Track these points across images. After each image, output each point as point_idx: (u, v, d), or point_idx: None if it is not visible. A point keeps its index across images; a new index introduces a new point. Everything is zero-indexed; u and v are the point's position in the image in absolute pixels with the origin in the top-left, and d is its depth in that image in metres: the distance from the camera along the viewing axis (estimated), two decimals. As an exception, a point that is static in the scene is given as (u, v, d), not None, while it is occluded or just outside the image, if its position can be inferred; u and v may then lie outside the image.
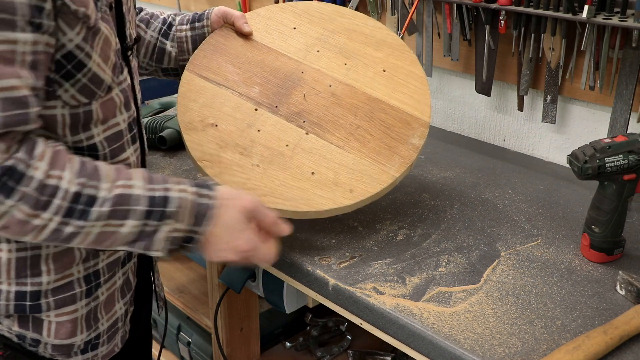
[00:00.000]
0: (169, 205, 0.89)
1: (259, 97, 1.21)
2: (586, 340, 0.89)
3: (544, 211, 1.30)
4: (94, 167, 0.87)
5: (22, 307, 0.95)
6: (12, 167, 0.79)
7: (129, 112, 1.00)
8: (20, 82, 0.79)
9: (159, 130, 1.59)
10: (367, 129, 1.19)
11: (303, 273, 1.13)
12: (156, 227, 0.90)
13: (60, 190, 0.83)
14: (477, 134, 1.75)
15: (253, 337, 1.62)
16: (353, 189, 1.12)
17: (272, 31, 1.31)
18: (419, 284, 1.06)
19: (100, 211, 0.85)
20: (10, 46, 0.78)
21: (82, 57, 0.87)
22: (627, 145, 1.06)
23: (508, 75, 1.60)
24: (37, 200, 0.81)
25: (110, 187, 0.86)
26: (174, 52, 1.30)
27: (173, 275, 1.85)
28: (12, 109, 0.78)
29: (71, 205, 0.83)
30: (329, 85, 1.24)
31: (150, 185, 0.90)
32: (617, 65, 1.38)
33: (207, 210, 0.92)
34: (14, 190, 0.80)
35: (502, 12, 1.49)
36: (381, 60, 1.28)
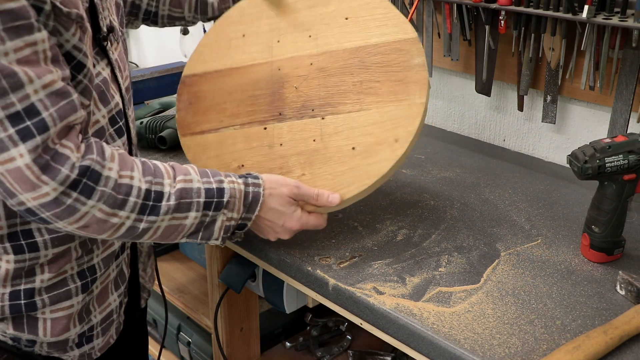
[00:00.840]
0: (224, 196, 0.97)
1: (259, 115, 1.19)
2: (586, 340, 0.89)
3: (544, 211, 1.30)
4: (154, 165, 0.93)
5: (17, 307, 0.95)
6: (89, 167, 0.83)
7: (107, 106, 0.99)
8: (54, 75, 0.82)
9: (159, 130, 1.58)
10: (370, 78, 1.17)
11: (303, 273, 1.13)
12: (214, 217, 0.97)
13: (134, 188, 0.88)
14: (477, 134, 1.75)
15: (253, 337, 1.62)
16: (397, 138, 1.10)
17: (227, 51, 1.27)
18: (419, 284, 1.06)
19: (168, 205, 0.91)
20: (33, 48, 0.80)
21: (80, 57, 0.88)
22: (627, 145, 1.06)
23: (508, 75, 1.60)
24: (115, 198, 0.86)
25: (172, 183, 0.92)
26: (216, 2, 1.37)
27: (173, 275, 1.85)
28: (59, 100, 0.81)
29: (144, 202, 0.89)
30: (310, 64, 1.21)
31: (205, 178, 0.97)
32: (617, 65, 1.38)
33: (257, 197, 1.01)
34: (95, 190, 0.84)
35: (502, 12, 1.49)
36: (336, 11, 1.25)
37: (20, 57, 0.78)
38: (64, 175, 0.81)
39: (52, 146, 0.81)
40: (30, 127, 0.79)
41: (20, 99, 0.78)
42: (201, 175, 0.97)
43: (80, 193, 0.83)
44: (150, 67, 1.93)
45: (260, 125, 1.17)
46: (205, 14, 1.38)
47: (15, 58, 0.78)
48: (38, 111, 0.79)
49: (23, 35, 0.78)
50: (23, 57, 0.78)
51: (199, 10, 1.37)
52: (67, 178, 0.81)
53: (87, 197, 0.83)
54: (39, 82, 0.79)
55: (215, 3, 1.37)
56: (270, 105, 1.19)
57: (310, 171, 1.11)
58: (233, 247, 1.32)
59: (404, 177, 1.45)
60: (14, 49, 0.77)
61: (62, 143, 0.82)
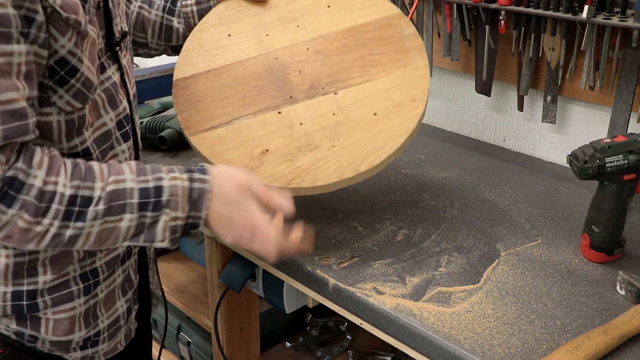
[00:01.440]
0: (162, 195, 0.89)
1: (270, 102, 1.17)
2: (586, 340, 0.89)
3: (544, 211, 1.30)
4: (88, 167, 0.88)
5: (19, 307, 0.95)
6: (12, 177, 0.80)
7: (116, 110, 0.99)
8: (18, 94, 0.79)
9: (159, 130, 1.58)
10: (369, 52, 1.20)
11: (303, 273, 1.13)
12: (154, 218, 0.90)
13: (57, 194, 0.83)
14: (477, 134, 1.75)
15: (253, 337, 1.62)
16: (413, 98, 1.13)
17: (215, 51, 1.24)
18: (419, 284, 1.06)
19: (97, 210, 0.86)
20: (7, 58, 0.78)
21: (74, 62, 0.87)
22: (627, 145, 1.06)
23: (508, 75, 1.60)
24: (38, 207, 0.82)
25: (103, 186, 0.87)
26: (182, 29, 1.28)
27: (173, 275, 1.85)
28: (11, 121, 0.79)
29: (68, 208, 0.84)
30: (306, 49, 1.22)
31: (141, 177, 0.90)
32: (617, 65, 1.38)
33: (203, 194, 0.91)
34: (16, 199, 0.81)
35: (502, 12, 1.49)
36: (316, 1, 1.27)
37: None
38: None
39: None
40: None
41: None
42: (138, 173, 0.90)
43: (1, 202, 0.80)
44: (150, 67, 1.93)
45: (274, 111, 1.15)
46: (169, 40, 1.28)
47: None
48: None
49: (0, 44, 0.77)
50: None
51: (162, 36, 1.27)
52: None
53: (7, 206, 0.80)
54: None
55: (180, 29, 1.28)
56: (278, 91, 1.18)
57: (339, 142, 1.11)
58: (233, 247, 1.32)
59: (404, 177, 1.45)
60: None
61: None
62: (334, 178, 1.06)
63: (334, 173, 1.07)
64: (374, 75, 1.17)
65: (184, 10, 1.27)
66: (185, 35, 1.28)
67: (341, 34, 1.23)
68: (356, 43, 1.21)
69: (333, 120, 1.13)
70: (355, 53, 1.20)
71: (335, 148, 1.10)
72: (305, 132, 1.12)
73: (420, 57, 1.18)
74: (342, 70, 1.19)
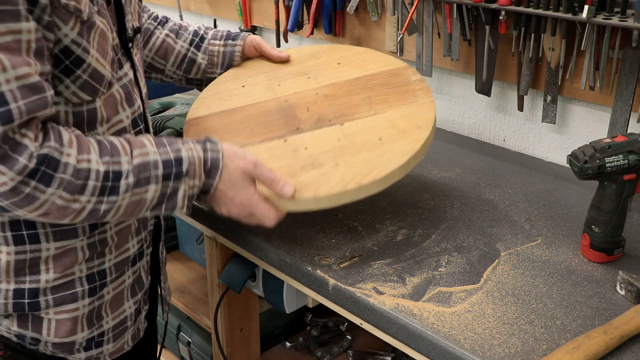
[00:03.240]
0: (182, 165, 0.95)
1: (277, 133, 1.18)
2: (586, 340, 0.90)
3: (544, 211, 1.30)
4: (110, 142, 0.91)
5: (20, 305, 0.95)
6: (47, 155, 0.82)
7: (132, 107, 1.00)
8: (31, 69, 0.80)
9: (159, 130, 1.59)
10: (377, 94, 1.22)
11: (303, 273, 1.13)
12: (175, 187, 0.96)
13: (92, 171, 0.86)
14: (477, 134, 1.75)
15: (253, 337, 1.62)
16: (418, 125, 1.14)
17: (229, 97, 1.29)
18: (419, 284, 1.06)
19: (127, 183, 0.90)
20: (16, 36, 0.79)
21: (79, 52, 0.87)
22: (627, 145, 1.06)
23: (508, 75, 1.60)
24: (75, 184, 0.85)
25: (129, 160, 0.91)
26: (204, 64, 1.33)
27: (173, 275, 1.85)
28: (30, 95, 0.80)
29: (104, 184, 0.88)
30: (315, 93, 1.26)
31: (161, 148, 0.95)
32: (617, 65, 1.38)
33: (216, 163, 1.00)
34: (54, 178, 0.83)
35: (502, 12, 1.49)
36: (328, 60, 1.34)
37: (0, 42, 0.77)
38: (22, 164, 0.80)
39: (12, 135, 0.79)
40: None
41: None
42: (157, 145, 0.95)
43: (39, 181, 0.82)
44: (150, 67, 1.92)
45: (280, 139, 1.17)
46: (188, 72, 1.34)
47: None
48: (6, 101, 0.78)
49: (7, 22, 0.77)
50: (3, 42, 0.77)
51: (183, 68, 1.33)
52: (25, 168, 0.80)
53: (46, 185, 0.82)
54: (13, 72, 0.78)
55: (202, 65, 1.33)
56: (286, 124, 1.20)
57: (342, 161, 1.10)
58: (233, 247, 1.32)
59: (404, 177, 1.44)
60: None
61: (21, 132, 0.80)
62: (336, 190, 1.05)
63: (337, 185, 1.06)
64: (380, 110, 1.19)
65: (211, 48, 1.33)
66: (205, 70, 1.34)
67: (350, 81, 1.27)
68: (364, 88, 1.25)
69: (338, 145, 1.14)
70: (362, 95, 1.23)
71: (339, 166, 1.10)
72: (309, 154, 1.13)
73: (426, 96, 1.21)
74: (349, 107, 1.21)
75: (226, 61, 1.34)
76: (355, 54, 1.35)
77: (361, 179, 1.06)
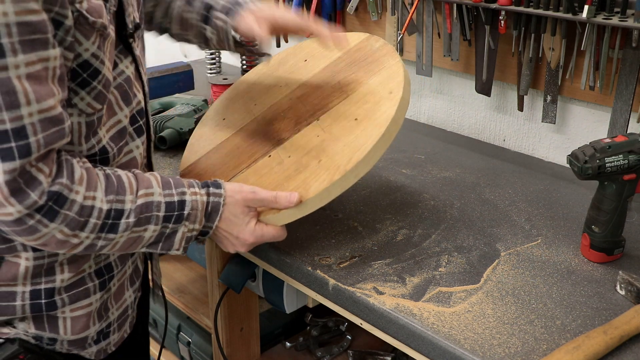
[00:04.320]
0: (185, 208, 0.97)
1: (261, 151, 1.19)
2: (586, 340, 0.89)
3: (544, 211, 1.30)
4: (118, 178, 0.92)
5: (37, 306, 0.96)
6: (57, 193, 0.83)
7: (129, 105, 0.99)
8: (54, 99, 0.81)
9: (159, 130, 1.59)
10: (345, 76, 1.22)
11: (303, 273, 1.13)
12: (174, 229, 0.97)
13: (95, 209, 0.87)
14: (477, 134, 1.75)
15: (253, 337, 1.61)
16: (390, 90, 1.13)
17: (213, 135, 1.30)
18: (419, 284, 1.06)
19: (127, 222, 0.91)
20: (45, 64, 0.79)
21: (97, 65, 0.88)
22: (627, 145, 1.06)
23: (508, 75, 1.60)
24: (77, 221, 0.86)
25: (133, 199, 0.92)
26: (214, 39, 1.19)
27: (173, 275, 1.85)
28: (50, 127, 0.80)
29: (104, 222, 0.89)
30: (289, 99, 1.26)
31: (167, 190, 0.96)
32: (617, 65, 1.38)
33: (217, 207, 1.01)
34: (58, 214, 0.84)
35: (502, 12, 1.49)
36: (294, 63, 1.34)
37: (30, 72, 0.77)
38: (32, 200, 0.80)
39: (28, 169, 0.79)
40: (14, 149, 0.77)
41: (12, 119, 0.77)
42: (163, 186, 0.96)
43: (44, 216, 0.82)
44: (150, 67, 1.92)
45: (265, 156, 1.18)
46: (207, 44, 1.22)
47: (26, 72, 0.77)
48: (26, 135, 0.78)
49: (38, 50, 0.77)
50: (34, 71, 0.77)
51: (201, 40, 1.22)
52: (34, 203, 0.81)
53: (50, 220, 0.83)
54: (37, 106, 0.78)
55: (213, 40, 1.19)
56: (268, 140, 1.21)
57: (324, 155, 1.10)
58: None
59: (404, 177, 1.45)
60: (25, 63, 0.76)
61: (38, 166, 0.81)
62: (324, 185, 1.05)
63: (324, 181, 1.05)
64: (350, 90, 1.18)
65: (215, 22, 1.17)
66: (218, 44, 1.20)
67: (317, 74, 1.27)
68: (332, 74, 1.24)
69: (318, 140, 1.14)
70: (332, 82, 1.23)
71: (322, 161, 1.09)
72: (293, 161, 1.13)
73: (392, 57, 1.19)
74: (322, 99, 1.21)
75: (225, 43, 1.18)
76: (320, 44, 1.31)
77: (345, 166, 1.05)
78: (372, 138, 1.07)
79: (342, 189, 1.06)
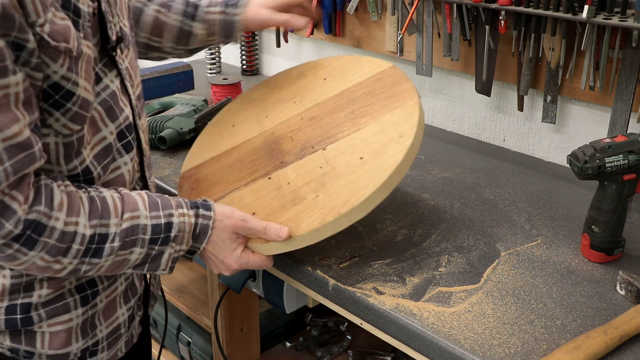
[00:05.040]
0: (171, 231, 0.95)
1: (261, 171, 1.18)
2: (586, 340, 0.90)
3: (544, 211, 1.30)
4: (102, 201, 0.89)
5: (13, 322, 0.93)
6: (35, 221, 0.81)
7: (115, 121, 0.94)
8: (19, 125, 0.78)
9: (159, 130, 1.59)
10: (360, 106, 1.19)
11: (303, 273, 1.13)
12: (161, 250, 0.96)
13: (77, 235, 0.86)
14: (477, 134, 1.75)
15: (253, 337, 1.62)
16: (401, 134, 1.08)
17: (220, 141, 1.30)
18: (419, 284, 1.06)
19: (112, 246, 0.89)
20: (5, 91, 0.76)
21: (69, 87, 0.84)
22: (627, 145, 1.06)
23: (508, 75, 1.60)
24: (59, 248, 0.84)
25: (118, 222, 0.90)
26: (203, 33, 1.24)
27: (173, 275, 1.85)
28: (17, 154, 0.78)
29: (88, 247, 0.87)
30: (300, 119, 1.24)
31: (153, 212, 0.94)
32: (617, 65, 1.38)
33: (205, 230, 1.00)
34: (38, 242, 0.82)
35: (502, 12, 1.49)
36: (314, 78, 1.32)
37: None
38: (7, 230, 0.79)
39: (1, 198, 0.78)
40: None
41: None
42: (150, 208, 0.94)
43: (23, 245, 0.81)
44: (150, 67, 1.92)
45: (265, 177, 1.16)
46: (186, 44, 1.26)
47: None
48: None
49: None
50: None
51: (179, 41, 1.25)
52: (10, 233, 0.79)
53: (28, 248, 0.82)
54: (1, 134, 0.76)
55: (200, 35, 1.25)
56: (270, 159, 1.19)
57: (323, 191, 1.07)
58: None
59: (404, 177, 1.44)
60: None
61: (11, 194, 0.78)
62: (316, 225, 1.02)
63: (317, 220, 1.03)
64: (363, 124, 1.14)
65: (207, 17, 1.24)
66: (205, 40, 1.26)
67: (334, 97, 1.24)
68: (348, 101, 1.22)
69: (320, 173, 1.10)
70: (346, 110, 1.20)
71: (319, 197, 1.06)
72: (292, 190, 1.11)
73: (411, 96, 1.14)
74: (332, 127, 1.18)
75: (225, 31, 1.25)
76: (341, 65, 1.31)
77: (340, 209, 1.01)
78: (372, 183, 1.03)
79: (333, 231, 1.03)
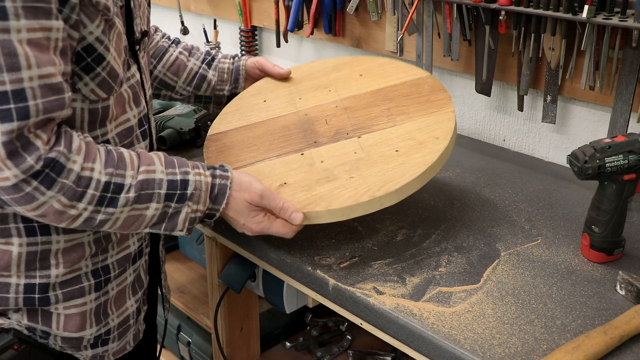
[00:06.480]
0: (187, 188, 0.97)
1: (294, 147, 1.19)
2: (586, 340, 0.90)
3: (544, 211, 1.30)
4: (119, 154, 0.92)
5: (31, 300, 0.96)
6: (54, 160, 0.84)
7: (138, 107, 1.02)
8: (55, 69, 0.82)
9: (159, 130, 1.59)
10: (396, 105, 1.22)
11: (303, 273, 1.13)
12: (177, 209, 0.97)
13: (93, 180, 0.88)
14: (477, 134, 1.75)
15: (253, 337, 1.62)
16: (437, 136, 1.13)
17: (250, 112, 1.31)
18: (419, 284, 1.06)
19: (127, 197, 0.91)
20: (47, 33, 0.80)
21: (101, 50, 0.89)
22: (627, 145, 1.06)
23: (508, 75, 1.60)
24: (75, 191, 0.86)
25: (134, 174, 0.92)
26: (214, 81, 1.38)
27: (173, 275, 1.85)
28: (49, 95, 0.82)
29: (102, 194, 0.89)
30: (335, 106, 1.26)
31: (169, 169, 0.97)
32: (617, 65, 1.38)
33: (224, 190, 1.02)
34: (56, 182, 0.84)
35: (502, 12, 1.49)
36: (350, 73, 1.34)
37: (32, 38, 0.79)
38: (28, 165, 0.81)
39: (27, 134, 0.81)
40: (12, 111, 0.79)
41: (12, 80, 0.78)
42: (166, 165, 0.97)
43: (41, 183, 0.83)
44: (150, 67, 1.92)
45: (297, 152, 1.18)
46: (198, 89, 1.38)
47: (27, 37, 0.78)
48: (25, 98, 0.79)
49: (40, 18, 0.79)
50: (35, 38, 0.79)
51: (193, 84, 1.37)
52: (30, 168, 0.82)
53: (47, 187, 0.84)
54: (37, 71, 0.79)
55: (213, 81, 1.38)
56: (304, 138, 1.21)
57: (357, 174, 1.10)
58: (233, 247, 1.32)
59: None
60: (27, 28, 0.78)
61: (36, 133, 0.82)
62: (349, 202, 1.05)
63: (350, 198, 1.06)
64: (399, 122, 1.19)
65: (221, 65, 1.39)
66: (215, 87, 1.38)
67: (370, 93, 1.27)
68: (384, 99, 1.24)
69: (354, 157, 1.14)
70: (382, 106, 1.23)
71: (354, 179, 1.10)
72: (325, 168, 1.13)
73: (447, 106, 1.20)
74: (368, 119, 1.21)
75: (233, 76, 1.39)
76: (378, 65, 1.35)
77: (375, 192, 1.06)
78: (408, 174, 1.08)
79: (363, 211, 1.07)
